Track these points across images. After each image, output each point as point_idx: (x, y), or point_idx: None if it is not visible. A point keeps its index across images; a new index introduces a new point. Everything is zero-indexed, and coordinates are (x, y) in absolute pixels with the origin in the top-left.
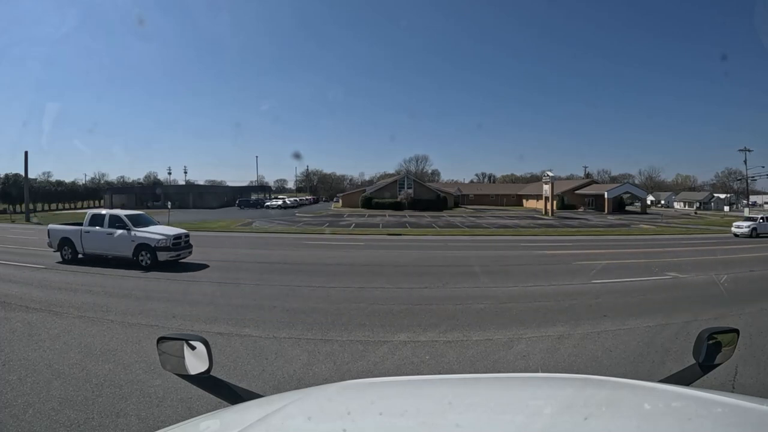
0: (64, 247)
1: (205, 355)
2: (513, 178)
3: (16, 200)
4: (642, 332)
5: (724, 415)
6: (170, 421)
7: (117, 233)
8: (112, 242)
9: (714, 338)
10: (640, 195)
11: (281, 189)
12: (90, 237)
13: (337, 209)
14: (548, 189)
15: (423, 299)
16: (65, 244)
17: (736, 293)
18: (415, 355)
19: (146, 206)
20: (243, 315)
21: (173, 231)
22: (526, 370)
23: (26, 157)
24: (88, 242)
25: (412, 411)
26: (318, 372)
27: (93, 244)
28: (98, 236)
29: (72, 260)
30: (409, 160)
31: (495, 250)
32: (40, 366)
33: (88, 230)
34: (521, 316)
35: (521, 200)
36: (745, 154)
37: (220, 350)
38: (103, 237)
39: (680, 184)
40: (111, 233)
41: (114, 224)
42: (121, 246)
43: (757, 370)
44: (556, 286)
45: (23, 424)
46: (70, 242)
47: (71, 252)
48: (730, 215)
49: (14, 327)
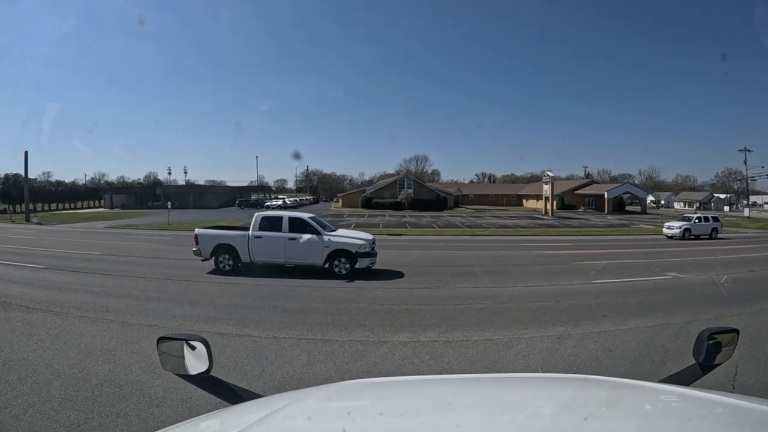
0: (221, 256)
1: (205, 355)
2: (513, 178)
3: (16, 200)
4: (642, 332)
5: (724, 415)
6: (170, 421)
7: (303, 238)
8: (296, 249)
9: (714, 338)
10: (640, 195)
11: (281, 189)
12: (263, 243)
13: (337, 209)
14: (548, 189)
15: (423, 299)
16: (224, 251)
17: (736, 293)
18: (415, 355)
19: (146, 206)
20: (243, 315)
21: (367, 235)
22: (526, 370)
23: (26, 157)
24: (260, 249)
25: (412, 411)
26: (318, 372)
27: (267, 251)
28: (276, 242)
29: (231, 270)
30: (409, 160)
31: (495, 250)
32: (40, 366)
33: (259, 235)
34: (521, 316)
35: (521, 200)
36: (745, 154)
37: (220, 350)
38: (282, 243)
39: (680, 184)
40: (295, 238)
41: (298, 228)
42: (310, 253)
43: (757, 370)
44: (556, 286)
45: (23, 424)
46: (232, 249)
47: (232, 260)
48: (730, 215)
49: (14, 327)
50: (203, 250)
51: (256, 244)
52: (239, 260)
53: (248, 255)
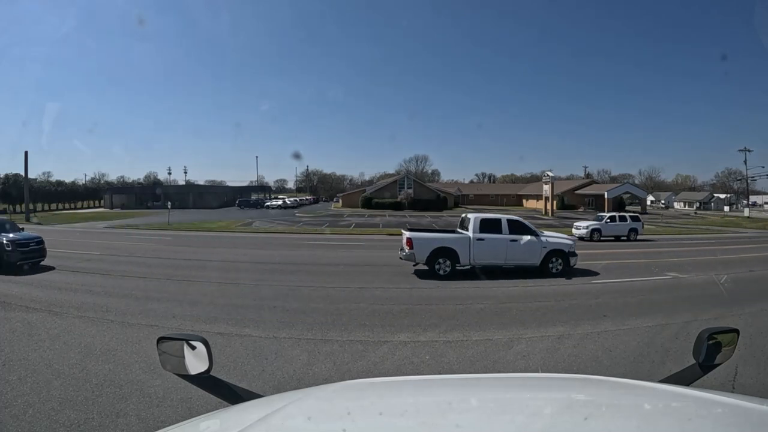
0: (439, 259)
1: (205, 355)
2: (513, 178)
3: (16, 200)
4: (642, 332)
5: (724, 415)
6: (170, 421)
7: (524, 240)
8: (517, 250)
9: (714, 338)
10: (640, 195)
11: (281, 189)
12: (485, 245)
13: (337, 209)
14: (548, 189)
15: (423, 299)
16: (442, 255)
17: (736, 293)
18: (415, 355)
19: (146, 206)
20: (243, 315)
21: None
22: (526, 370)
23: (26, 157)
24: (482, 251)
25: (412, 411)
26: (318, 372)
27: (490, 253)
28: (498, 244)
29: (449, 275)
30: (409, 160)
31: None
32: (40, 366)
33: (482, 237)
34: (521, 316)
35: (521, 200)
36: (745, 154)
37: (220, 350)
38: (504, 245)
39: (680, 184)
40: (516, 240)
41: (518, 230)
42: (530, 254)
43: (757, 370)
44: (556, 286)
45: (23, 424)
46: (451, 253)
47: (450, 264)
48: (730, 215)
49: (14, 327)
50: (418, 255)
51: (478, 247)
52: (458, 263)
53: (469, 258)
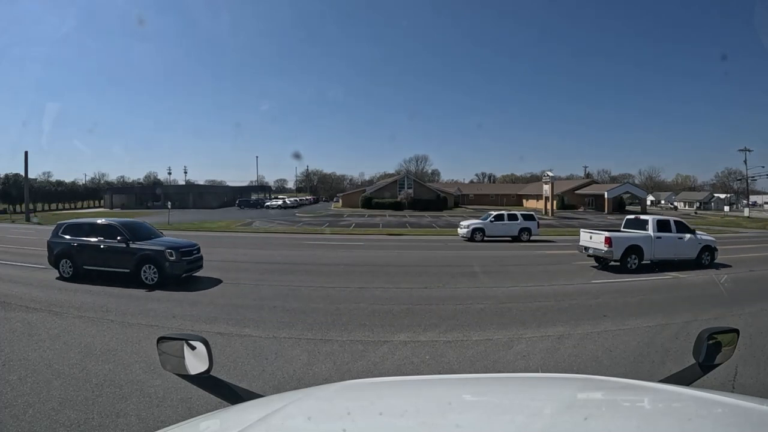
0: (630, 256)
1: (205, 355)
2: (513, 178)
3: (16, 200)
4: (642, 332)
5: (724, 415)
6: (170, 421)
7: (687, 237)
8: (682, 246)
9: (714, 338)
10: (640, 195)
11: (281, 189)
12: (662, 243)
13: (337, 209)
14: (548, 189)
15: (423, 299)
16: (632, 252)
17: (736, 293)
18: (415, 355)
19: (146, 206)
20: (243, 315)
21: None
22: (526, 370)
23: (26, 157)
24: (660, 248)
25: (412, 411)
26: (318, 372)
27: (665, 250)
28: (671, 241)
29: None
30: (409, 160)
31: (495, 250)
32: (40, 366)
33: (660, 236)
34: (521, 316)
35: (521, 200)
36: (745, 154)
37: (220, 350)
38: (674, 242)
39: (680, 184)
40: (681, 237)
41: (681, 229)
42: (690, 249)
43: (757, 370)
44: (556, 286)
45: (23, 424)
46: (639, 249)
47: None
48: (730, 215)
49: (14, 327)
50: (615, 252)
51: (657, 244)
52: (643, 259)
53: (651, 254)
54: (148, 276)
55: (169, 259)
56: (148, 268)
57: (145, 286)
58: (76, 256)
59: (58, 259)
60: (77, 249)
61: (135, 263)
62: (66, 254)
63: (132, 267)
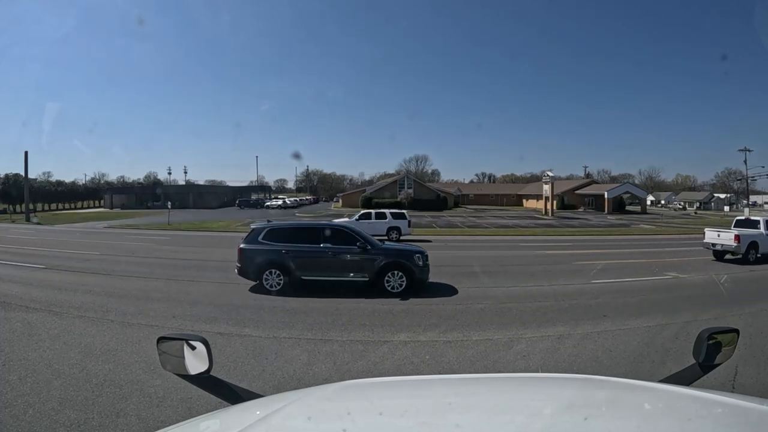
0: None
1: (205, 355)
2: (513, 178)
3: (16, 200)
4: (642, 332)
5: (724, 415)
6: (170, 421)
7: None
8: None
9: (714, 338)
10: (640, 195)
11: (281, 189)
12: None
13: (337, 209)
14: (548, 189)
15: (423, 299)
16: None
17: (736, 293)
18: (415, 355)
19: (146, 206)
20: (243, 315)
21: None
22: (526, 370)
23: (26, 157)
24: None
25: (412, 411)
26: (318, 372)
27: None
28: None
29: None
30: (409, 160)
31: (495, 250)
32: (40, 366)
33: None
34: (521, 316)
35: (521, 200)
36: (745, 154)
37: (220, 350)
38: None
39: (680, 184)
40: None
41: None
42: None
43: (757, 370)
44: (556, 286)
45: (23, 424)
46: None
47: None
48: (730, 215)
49: (14, 327)
50: (742, 247)
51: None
52: (758, 252)
53: (764, 248)
54: (393, 283)
55: (418, 264)
56: (392, 275)
57: (390, 295)
58: (290, 265)
59: (261, 269)
60: (292, 256)
61: (377, 270)
62: (275, 263)
63: (373, 275)
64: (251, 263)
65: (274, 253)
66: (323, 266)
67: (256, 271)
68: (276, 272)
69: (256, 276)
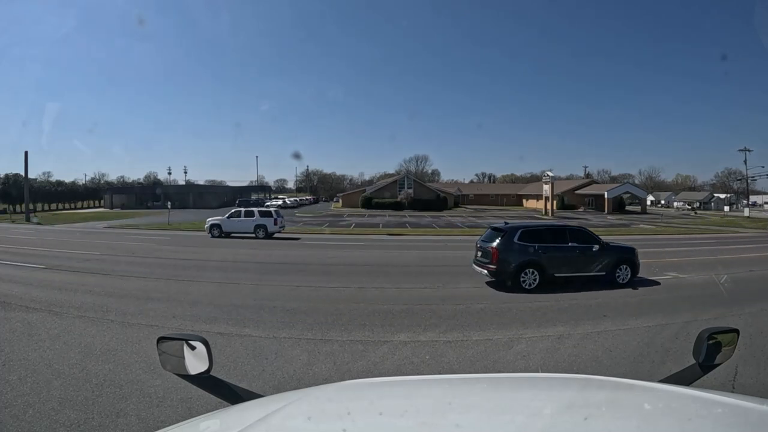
0: None
1: (205, 355)
2: (513, 178)
3: (16, 200)
4: (642, 332)
5: (724, 415)
6: (170, 421)
7: None
8: None
9: (714, 338)
10: (640, 195)
11: (281, 189)
12: None
13: (337, 209)
14: (548, 189)
15: (423, 299)
16: None
17: (736, 293)
18: (415, 355)
19: (146, 206)
20: (243, 315)
21: None
22: (526, 370)
23: (26, 157)
24: None
25: (412, 411)
26: (318, 372)
27: None
28: None
29: None
30: (409, 160)
31: None
32: (40, 366)
33: None
34: (521, 316)
35: (521, 200)
36: (745, 154)
37: (220, 350)
38: None
39: (680, 184)
40: None
41: None
42: None
43: (757, 370)
44: None
45: (23, 424)
46: None
47: None
48: (730, 215)
49: (14, 327)
50: None
51: None
52: None
53: None
54: (622, 276)
55: (637, 260)
56: (621, 269)
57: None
58: (545, 264)
59: (520, 269)
60: (547, 256)
61: (612, 265)
62: (533, 263)
63: (608, 269)
64: (509, 264)
65: (532, 253)
66: (571, 263)
67: (514, 271)
68: (532, 271)
69: (514, 276)
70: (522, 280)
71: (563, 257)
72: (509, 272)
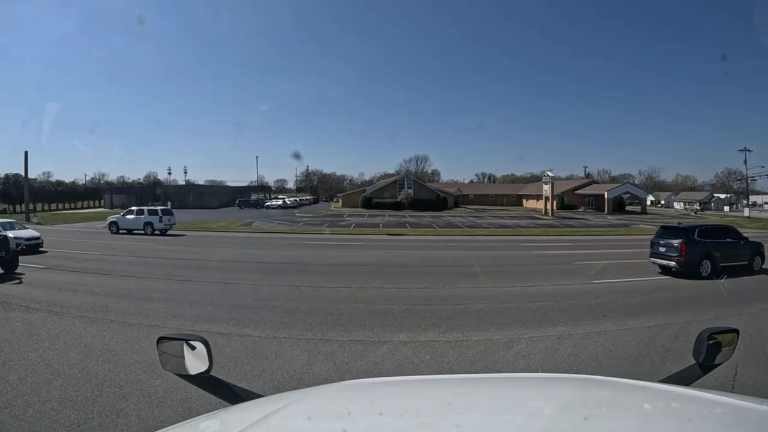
0: None
1: (205, 355)
2: (513, 178)
3: (16, 200)
4: (642, 332)
5: (724, 415)
6: (170, 421)
7: None
8: None
9: (714, 338)
10: (640, 195)
11: (281, 189)
12: None
13: (337, 209)
14: (548, 189)
15: (423, 299)
16: None
17: (736, 293)
18: (415, 355)
19: (146, 206)
20: (243, 315)
21: None
22: (526, 370)
23: (26, 157)
24: None
25: (412, 411)
26: (318, 372)
27: None
28: None
29: None
30: (409, 160)
31: (495, 250)
32: (40, 366)
33: None
34: (521, 316)
35: (521, 200)
36: (745, 154)
37: (220, 350)
38: None
39: (680, 184)
40: None
41: None
42: None
43: (757, 370)
44: (556, 286)
45: (23, 424)
46: None
47: None
48: (730, 215)
49: (14, 327)
50: None
51: None
52: None
53: None
54: (756, 265)
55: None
56: (756, 260)
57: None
58: (715, 256)
59: (701, 260)
60: (718, 250)
61: (752, 256)
62: (710, 255)
63: (749, 260)
64: (694, 257)
65: (708, 246)
66: (730, 255)
67: (696, 262)
68: (706, 262)
69: (695, 266)
70: (701, 269)
71: (725, 250)
72: (694, 262)
